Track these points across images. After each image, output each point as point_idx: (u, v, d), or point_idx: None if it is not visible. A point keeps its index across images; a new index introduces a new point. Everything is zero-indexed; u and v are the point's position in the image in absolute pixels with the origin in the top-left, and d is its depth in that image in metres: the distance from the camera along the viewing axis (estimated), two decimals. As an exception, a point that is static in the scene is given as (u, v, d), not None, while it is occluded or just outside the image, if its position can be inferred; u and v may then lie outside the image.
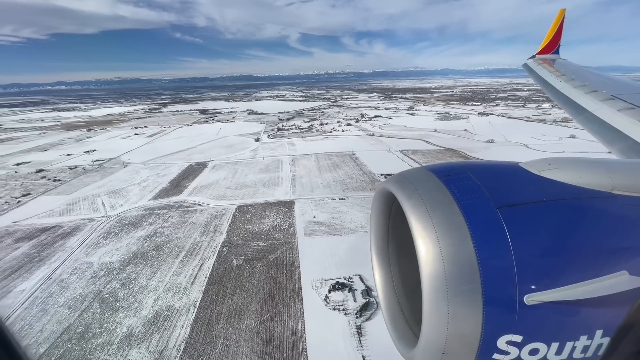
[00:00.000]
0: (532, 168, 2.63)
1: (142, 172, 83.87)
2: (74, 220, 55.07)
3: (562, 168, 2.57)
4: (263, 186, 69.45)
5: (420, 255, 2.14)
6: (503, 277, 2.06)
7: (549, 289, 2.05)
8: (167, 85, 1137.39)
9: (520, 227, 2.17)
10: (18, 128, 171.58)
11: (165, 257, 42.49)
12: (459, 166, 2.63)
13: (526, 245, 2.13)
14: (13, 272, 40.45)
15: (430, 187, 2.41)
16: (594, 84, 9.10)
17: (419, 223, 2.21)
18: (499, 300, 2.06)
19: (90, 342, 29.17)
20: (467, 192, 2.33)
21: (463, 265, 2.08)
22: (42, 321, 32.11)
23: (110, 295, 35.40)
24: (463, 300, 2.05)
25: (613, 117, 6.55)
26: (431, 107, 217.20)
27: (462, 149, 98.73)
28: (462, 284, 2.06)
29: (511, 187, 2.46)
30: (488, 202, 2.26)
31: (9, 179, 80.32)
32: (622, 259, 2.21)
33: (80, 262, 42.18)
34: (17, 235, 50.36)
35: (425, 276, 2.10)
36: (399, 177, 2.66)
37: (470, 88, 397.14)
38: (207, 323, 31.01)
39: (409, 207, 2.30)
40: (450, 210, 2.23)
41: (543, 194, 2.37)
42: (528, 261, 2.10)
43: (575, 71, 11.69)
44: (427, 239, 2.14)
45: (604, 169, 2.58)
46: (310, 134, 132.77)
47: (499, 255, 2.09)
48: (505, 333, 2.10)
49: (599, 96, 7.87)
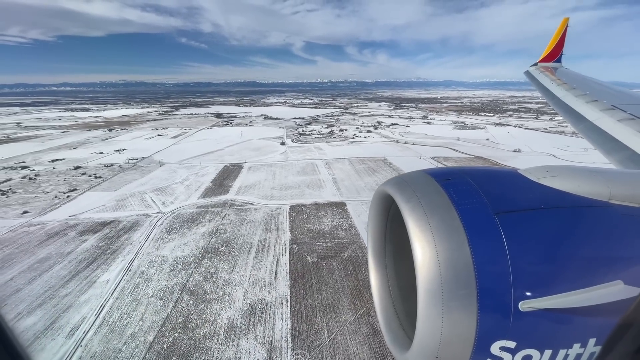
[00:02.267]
0: (531, 175, 2.63)
1: (179, 171, 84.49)
2: (130, 216, 55.50)
3: (561, 176, 2.58)
4: (307, 187, 70.10)
5: (417, 258, 2.13)
6: (498, 282, 2.06)
7: (544, 296, 2.05)
8: (172, 89, 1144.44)
9: (517, 234, 2.17)
10: (39, 126, 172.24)
11: (237, 253, 42.91)
12: (458, 171, 2.62)
13: (522, 252, 2.13)
14: (90, 264, 40.76)
15: (429, 191, 2.40)
16: (594, 94, 9.09)
17: (417, 226, 2.20)
18: (493, 305, 2.05)
19: (196, 332, 29.46)
20: (466, 196, 2.32)
21: (459, 269, 2.07)
22: (138, 310, 32.42)
23: (197, 288, 35.73)
24: (458, 305, 2.04)
25: (613, 127, 6.52)
26: (444, 116, 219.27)
27: (491, 157, 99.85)
28: (457, 288, 2.05)
29: (509, 193, 2.45)
30: (486, 207, 2.26)
31: (49, 175, 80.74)
32: (617, 268, 2.22)
33: (154, 255, 42.53)
34: (79, 229, 50.71)
35: (421, 279, 2.09)
36: (397, 180, 2.65)
37: (476, 99, 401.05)
38: (305, 316, 31.38)
39: (407, 210, 2.30)
40: (448, 214, 2.23)
41: (541, 201, 2.38)
42: (524, 268, 2.09)
43: (577, 80, 11.71)
44: (424, 242, 2.14)
45: (601, 178, 2.58)
46: (333, 139, 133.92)
47: (495, 261, 2.09)
48: (499, 339, 2.10)
49: (599, 106, 7.87)
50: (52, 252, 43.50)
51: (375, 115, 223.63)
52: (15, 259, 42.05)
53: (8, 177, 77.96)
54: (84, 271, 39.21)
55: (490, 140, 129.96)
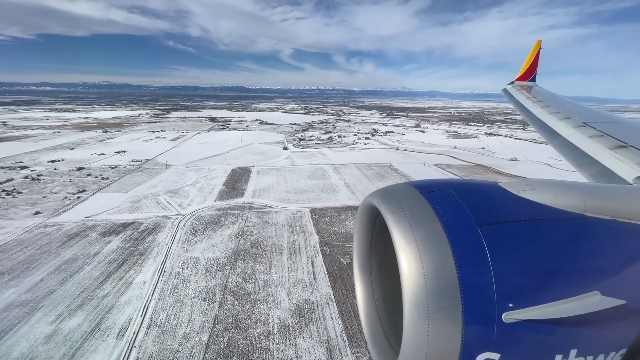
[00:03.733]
0: (511, 188, 2.68)
1: (187, 174, 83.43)
2: (149, 217, 54.49)
3: (539, 189, 2.63)
4: (322, 191, 70.66)
5: (403, 270, 2.12)
6: (482, 294, 2.07)
7: (526, 307, 2.07)
8: (158, 92, 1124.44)
9: (500, 245, 2.20)
10: (27, 126, 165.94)
11: (269, 255, 42.92)
12: (442, 183, 2.66)
13: (504, 263, 2.15)
14: (121, 265, 39.83)
15: (414, 203, 2.42)
16: (567, 111, 9.47)
17: (402, 238, 2.20)
18: (478, 317, 2.06)
19: (250, 332, 29.36)
20: (449, 209, 2.35)
21: (444, 281, 2.06)
22: (184, 311, 31.96)
23: (238, 289, 35.55)
24: (443, 317, 2.04)
25: (584, 143, 6.80)
26: (436, 125, 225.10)
27: (491, 165, 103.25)
28: (443, 300, 2.04)
29: (491, 205, 2.49)
30: (469, 219, 2.28)
31: (52, 175, 78.05)
32: (593, 279, 2.27)
33: (185, 257, 41.98)
34: (99, 230, 49.39)
35: (406, 291, 2.08)
36: (383, 192, 2.65)
37: (462, 110, 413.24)
38: (355, 316, 31.77)
39: (393, 222, 2.31)
40: (432, 226, 2.24)
41: (521, 213, 2.42)
42: (506, 279, 2.11)
43: (551, 98, 12.21)
44: (410, 254, 2.14)
45: (576, 192, 2.66)
46: (334, 145, 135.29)
47: (479, 272, 2.10)
48: (483, 351, 2.10)
49: (571, 123, 8.20)
50: (77, 253, 42.24)
51: (369, 123, 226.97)
52: (39, 260, 40.59)
53: (9, 177, 74.92)
54: (116, 272, 38.29)
55: (486, 149, 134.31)
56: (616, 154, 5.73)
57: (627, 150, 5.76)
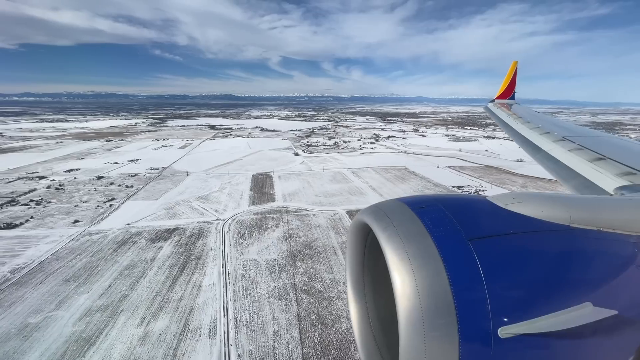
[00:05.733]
0: (499, 202, 2.69)
1: (210, 180, 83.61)
2: (191, 223, 54.68)
3: (526, 202, 2.64)
4: (350, 194, 72.02)
5: (397, 288, 2.06)
6: (477, 309, 2.03)
7: (520, 321, 2.04)
8: (146, 101, 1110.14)
9: (491, 259, 2.17)
10: (26, 137, 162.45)
11: (324, 254, 43.85)
12: (432, 199, 2.66)
13: (497, 277, 2.12)
14: (182, 268, 40.10)
15: (405, 219, 2.39)
16: (546, 127, 9.76)
17: (395, 255, 2.15)
18: (474, 333, 2.01)
19: (337, 327, 30.20)
20: (440, 224, 2.33)
21: (438, 298, 2.01)
22: (265, 310, 32.57)
23: (308, 288, 36.37)
24: (439, 335, 1.98)
25: (565, 157, 7.02)
26: (434, 129, 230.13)
27: (501, 166, 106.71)
28: (438, 317, 1.98)
29: (481, 219, 2.49)
30: (459, 233, 2.27)
31: (75, 185, 77.06)
32: (585, 290, 2.28)
33: (243, 259, 42.51)
34: (145, 236, 49.36)
35: (401, 310, 2.00)
36: (373, 209, 2.62)
37: (453, 114, 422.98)
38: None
39: (385, 239, 2.27)
40: (424, 242, 2.20)
41: (510, 226, 2.44)
42: (499, 293, 2.08)
43: (530, 115, 12.81)
44: (403, 271, 2.08)
45: (561, 204, 2.67)
46: (342, 150, 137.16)
47: (472, 287, 2.06)
48: None
49: (551, 137, 8.46)
50: (134, 259, 42.24)
51: (368, 129, 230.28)
52: (98, 266, 40.46)
53: (32, 188, 73.63)
54: (181, 276, 38.54)
55: (489, 151, 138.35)
56: (595, 166, 5.95)
57: (605, 162, 5.98)
